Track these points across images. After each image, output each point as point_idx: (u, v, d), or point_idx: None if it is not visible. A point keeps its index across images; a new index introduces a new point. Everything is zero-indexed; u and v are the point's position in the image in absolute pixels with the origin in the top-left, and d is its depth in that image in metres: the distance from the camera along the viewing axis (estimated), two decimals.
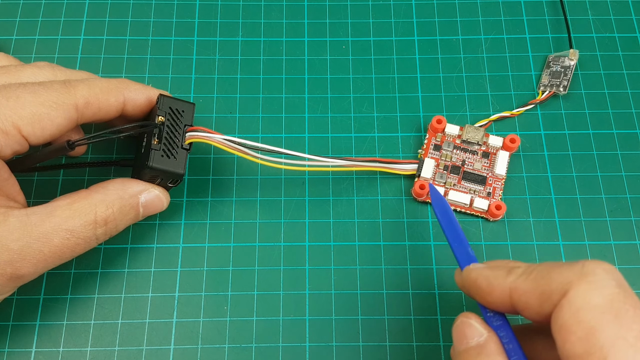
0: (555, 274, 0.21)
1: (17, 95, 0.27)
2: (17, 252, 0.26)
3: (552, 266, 0.22)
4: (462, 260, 0.27)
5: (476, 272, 0.25)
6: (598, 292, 0.20)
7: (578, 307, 0.20)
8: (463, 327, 0.24)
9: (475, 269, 0.25)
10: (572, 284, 0.21)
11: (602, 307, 0.20)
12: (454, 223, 0.29)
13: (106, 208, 0.28)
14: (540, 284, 0.22)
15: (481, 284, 0.24)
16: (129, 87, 0.30)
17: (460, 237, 0.28)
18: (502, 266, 0.24)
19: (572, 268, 0.21)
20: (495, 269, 0.24)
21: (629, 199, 0.35)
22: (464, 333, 0.24)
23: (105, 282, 0.32)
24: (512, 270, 0.23)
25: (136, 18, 0.39)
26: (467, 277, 0.25)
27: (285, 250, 0.33)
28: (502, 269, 0.24)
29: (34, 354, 0.31)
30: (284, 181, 0.35)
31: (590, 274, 0.21)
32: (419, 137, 0.36)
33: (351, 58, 0.38)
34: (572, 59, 0.38)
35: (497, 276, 0.24)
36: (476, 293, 0.25)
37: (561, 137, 0.36)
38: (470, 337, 0.23)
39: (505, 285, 0.23)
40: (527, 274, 0.23)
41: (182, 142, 0.30)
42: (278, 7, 0.40)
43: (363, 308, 0.32)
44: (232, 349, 0.31)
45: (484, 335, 0.23)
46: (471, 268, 0.25)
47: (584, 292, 0.20)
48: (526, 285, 0.22)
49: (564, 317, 0.20)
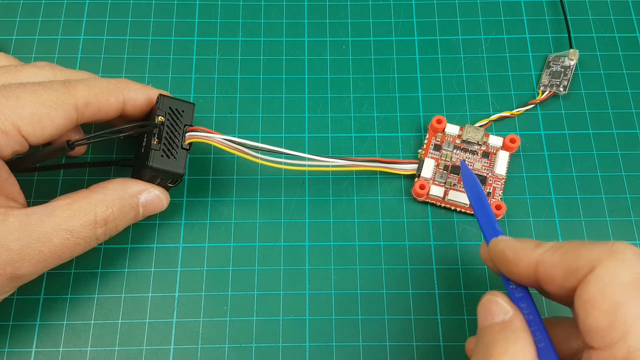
0: (585, 251, 0.22)
1: (17, 95, 0.27)
2: (17, 252, 0.26)
3: (582, 243, 0.23)
4: (489, 233, 0.27)
5: (504, 243, 0.25)
6: (626, 270, 0.21)
7: (605, 282, 0.21)
8: (489, 304, 0.24)
9: (504, 239, 0.26)
10: (600, 260, 0.21)
11: (629, 284, 0.20)
12: (483, 198, 0.29)
13: (106, 208, 0.28)
14: (568, 258, 0.22)
15: (508, 254, 0.25)
16: (128, 87, 0.30)
17: (488, 212, 0.28)
18: (530, 241, 0.25)
19: (601, 246, 0.22)
20: (524, 242, 0.25)
21: (629, 199, 0.35)
22: (490, 310, 0.24)
23: (105, 282, 0.32)
24: (541, 244, 0.24)
25: (136, 18, 0.39)
26: (495, 247, 0.26)
27: (285, 250, 0.33)
28: (530, 242, 0.24)
29: (34, 354, 0.31)
30: (284, 181, 0.35)
31: (619, 253, 0.21)
32: (419, 137, 0.36)
33: (351, 58, 0.38)
34: (572, 59, 0.38)
35: (525, 248, 0.24)
36: (502, 263, 0.25)
37: (561, 137, 0.36)
38: (496, 314, 0.24)
39: (533, 257, 0.24)
40: (555, 248, 0.23)
41: (182, 142, 0.30)
42: (278, 7, 0.40)
43: (363, 308, 0.32)
44: (232, 349, 0.31)
45: (510, 313, 0.24)
46: (499, 239, 0.26)
47: (612, 268, 0.21)
48: (553, 258, 0.23)
49: (590, 292, 0.21)
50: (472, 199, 0.30)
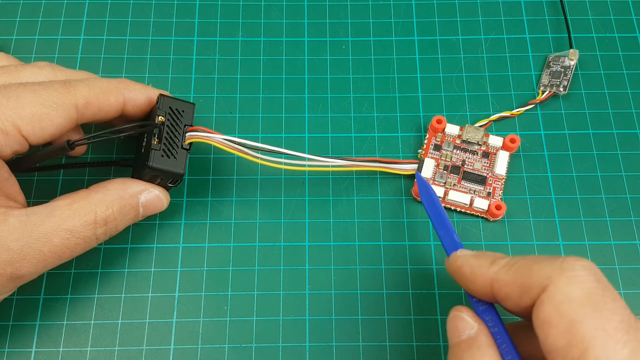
0: (536, 268, 0.22)
1: (17, 95, 0.27)
2: (17, 252, 0.26)
3: (533, 260, 0.23)
4: (449, 247, 0.28)
5: (461, 260, 0.25)
6: (577, 286, 0.21)
7: (558, 301, 0.21)
8: (455, 320, 0.24)
9: (461, 256, 0.26)
10: (551, 278, 0.21)
11: (582, 300, 0.21)
12: (439, 210, 0.29)
13: (106, 208, 0.28)
14: (520, 276, 0.22)
15: (465, 271, 0.25)
16: (129, 87, 0.30)
17: (446, 224, 0.29)
18: (487, 256, 0.25)
19: (552, 263, 0.22)
20: (480, 258, 0.25)
21: (629, 199, 0.35)
22: (456, 326, 0.24)
23: (105, 282, 0.32)
24: (496, 261, 0.24)
25: (136, 18, 0.39)
26: (453, 264, 0.26)
27: (285, 250, 0.33)
28: (486, 259, 0.24)
29: (34, 354, 0.31)
30: (284, 181, 0.35)
31: (569, 269, 0.21)
32: (419, 137, 0.36)
33: (351, 58, 0.38)
34: (572, 59, 0.38)
35: (481, 265, 0.24)
36: (460, 280, 0.25)
37: (561, 137, 0.36)
38: (462, 330, 0.24)
39: (488, 275, 0.24)
40: (509, 266, 0.23)
41: (182, 142, 0.30)
42: (278, 7, 0.40)
43: (363, 308, 0.32)
44: (232, 349, 0.31)
45: (475, 328, 0.24)
46: (458, 255, 0.26)
47: (563, 286, 0.21)
48: (507, 276, 0.23)
49: (545, 312, 0.21)
50: (429, 211, 0.30)
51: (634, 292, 0.33)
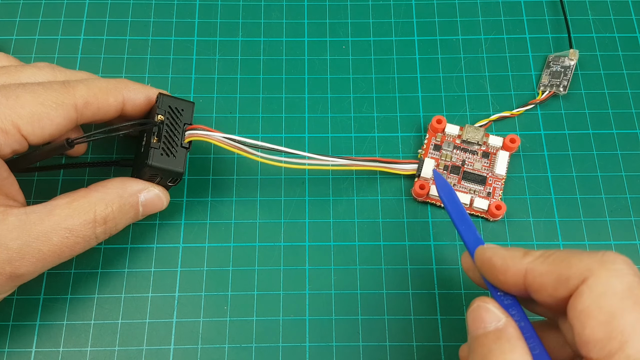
0: (575, 260, 0.22)
1: (17, 95, 0.27)
2: (16, 251, 0.26)
3: (572, 252, 0.22)
4: (471, 243, 0.27)
5: (492, 251, 0.25)
6: (619, 279, 0.21)
7: (599, 293, 0.21)
8: (480, 311, 0.24)
9: (490, 248, 0.25)
10: (592, 270, 0.21)
11: (623, 293, 0.20)
12: (460, 207, 0.29)
13: (105, 207, 0.28)
14: (558, 267, 0.22)
15: (496, 262, 0.24)
16: (128, 87, 0.30)
17: (467, 220, 0.28)
18: (518, 249, 0.24)
19: (592, 256, 0.22)
20: (512, 250, 0.24)
21: (629, 199, 0.35)
22: (482, 317, 0.24)
23: (105, 282, 0.32)
24: (529, 252, 0.24)
25: (136, 18, 0.39)
26: (482, 256, 0.25)
27: (285, 250, 0.33)
28: (518, 250, 0.24)
29: (34, 354, 0.31)
30: (284, 181, 0.35)
31: (610, 262, 0.21)
32: (419, 137, 0.36)
33: (351, 58, 0.38)
34: (572, 59, 0.38)
35: (514, 256, 0.24)
36: (490, 272, 0.25)
37: (561, 137, 0.36)
38: (488, 321, 0.23)
39: (521, 265, 0.23)
40: (544, 257, 0.23)
41: (181, 141, 0.30)
42: (278, 7, 0.40)
43: (363, 308, 0.32)
44: (232, 349, 0.31)
45: (502, 320, 0.23)
46: (485, 247, 0.26)
47: (605, 278, 0.21)
48: (543, 267, 0.23)
49: (584, 303, 0.21)
50: (450, 208, 0.29)
51: None
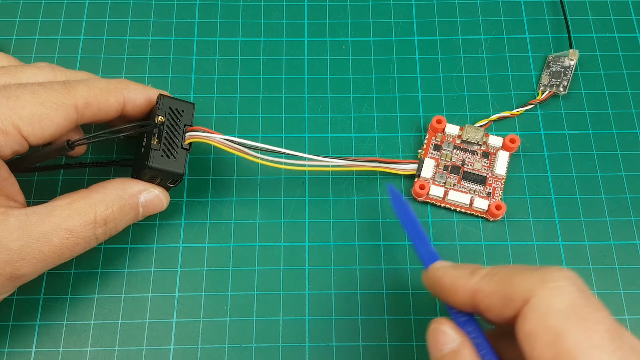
0: (518, 279, 0.22)
1: (17, 96, 0.27)
2: (17, 251, 0.26)
3: (515, 270, 0.22)
4: (426, 259, 0.27)
5: (442, 271, 0.25)
6: (560, 297, 0.21)
7: (542, 313, 0.21)
8: (436, 334, 0.24)
9: (441, 267, 0.25)
10: (534, 290, 0.21)
11: (566, 311, 0.20)
12: (414, 221, 0.29)
13: (106, 208, 0.28)
14: (503, 287, 0.22)
15: (445, 283, 0.24)
16: (128, 88, 0.30)
17: (421, 235, 0.28)
18: (466, 267, 0.24)
19: (533, 274, 0.22)
20: (460, 269, 0.24)
21: (629, 199, 0.35)
22: (437, 340, 0.24)
23: (105, 282, 0.32)
24: (476, 271, 0.24)
25: (136, 18, 0.39)
26: (433, 276, 0.25)
27: (285, 250, 0.33)
28: (466, 269, 0.24)
29: (34, 354, 0.31)
30: (284, 181, 0.35)
31: (552, 281, 0.21)
32: (419, 137, 0.36)
33: (351, 58, 0.38)
34: (572, 59, 0.38)
35: (462, 276, 0.24)
36: (441, 292, 0.25)
37: (561, 137, 0.36)
38: (443, 343, 0.24)
39: (469, 285, 0.23)
40: (490, 276, 0.23)
41: (182, 142, 0.30)
42: (278, 7, 0.40)
43: (363, 308, 0.32)
44: (232, 349, 0.31)
45: (457, 341, 0.23)
46: (437, 266, 0.26)
47: (547, 298, 0.21)
48: (489, 287, 0.23)
49: (530, 324, 0.21)
50: (404, 223, 0.29)
51: (634, 292, 0.33)
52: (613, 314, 0.32)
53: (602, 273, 0.33)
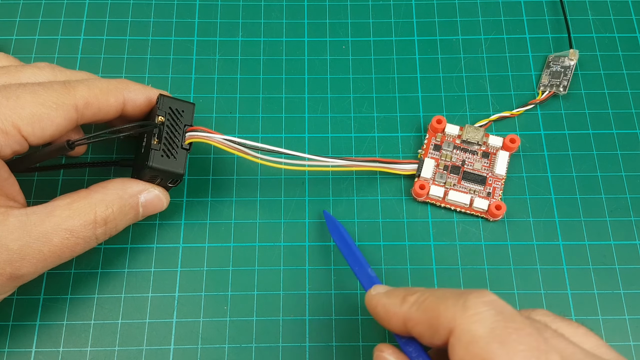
0: (442, 308, 0.22)
1: (17, 96, 0.27)
2: (17, 251, 0.26)
3: (441, 298, 0.23)
4: (365, 283, 0.28)
5: (375, 299, 0.25)
6: (480, 324, 0.21)
7: (466, 342, 0.21)
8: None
9: (375, 295, 0.26)
10: (456, 320, 0.21)
11: (487, 337, 0.21)
12: (351, 246, 0.30)
13: (106, 208, 0.28)
14: (429, 316, 0.23)
15: (379, 312, 0.25)
16: (128, 88, 0.30)
17: (359, 259, 0.29)
18: (398, 294, 0.25)
19: (455, 303, 0.22)
20: (391, 297, 0.25)
21: (629, 199, 0.35)
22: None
23: (105, 282, 0.32)
24: (406, 298, 0.24)
25: (136, 18, 0.39)
26: (369, 304, 0.26)
27: (285, 250, 0.33)
28: (397, 297, 0.24)
29: (34, 354, 0.31)
30: (284, 181, 0.35)
31: (471, 309, 0.21)
32: (419, 137, 0.36)
33: (351, 58, 0.38)
34: (572, 59, 0.38)
35: (393, 304, 0.24)
36: (377, 319, 0.25)
37: (561, 137, 0.36)
38: None
39: (400, 313, 0.24)
40: (418, 304, 0.23)
41: (182, 142, 0.30)
42: (278, 7, 0.40)
43: (363, 308, 0.32)
44: (232, 349, 0.31)
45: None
46: (372, 294, 0.26)
47: (467, 326, 0.21)
48: (417, 315, 0.23)
49: (457, 355, 0.21)
50: (341, 247, 0.30)
51: (634, 292, 0.33)
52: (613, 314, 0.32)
53: (602, 273, 0.33)
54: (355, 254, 0.29)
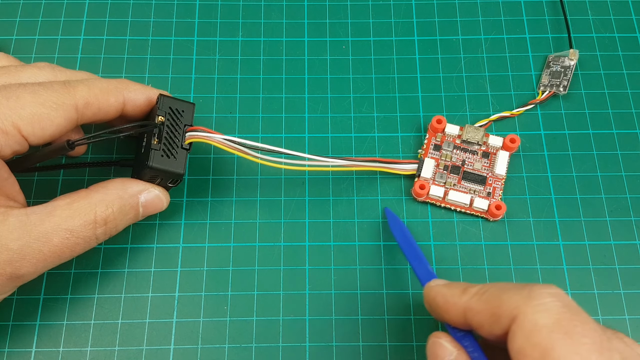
0: (505, 297, 0.22)
1: (17, 96, 0.27)
2: (17, 251, 0.26)
3: (502, 289, 0.23)
4: (423, 278, 0.28)
5: (435, 290, 0.26)
6: (545, 314, 0.21)
7: (529, 330, 0.21)
8: (434, 347, 0.25)
9: (435, 286, 0.26)
10: (519, 308, 0.22)
11: (551, 327, 0.21)
12: (411, 242, 0.30)
13: (106, 208, 0.28)
14: (491, 305, 0.23)
15: (439, 302, 0.25)
16: (128, 88, 0.30)
17: (419, 255, 0.29)
18: (458, 285, 0.25)
19: (519, 292, 0.22)
20: (452, 288, 0.25)
21: (629, 199, 0.35)
22: (436, 353, 0.24)
23: (105, 282, 0.32)
24: (467, 289, 0.24)
25: (136, 18, 0.39)
26: (427, 295, 0.26)
27: (285, 250, 0.33)
28: (457, 287, 0.25)
29: (34, 354, 0.31)
30: (284, 181, 0.35)
31: (536, 298, 0.22)
32: (419, 137, 0.36)
33: (351, 58, 0.38)
34: (572, 59, 0.38)
35: (453, 294, 0.25)
36: (435, 310, 0.26)
37: (561, 137, 0.36)
38: (441, 356, 0.24)
39: (460, 304, 0.24)
40: (479, 294, 0.24)
41: (182, 142, 0.30)
42: (278, 7, 0.40)
43: (363, 308, 0.32)
44: (232, 349, 0.31)
45: (454, 354, 0.24)
46: (431, 285, 0.26)
47: (532, 315, 0.21)
48: (479, 305, 0.23)
49: (518, 342, 0.21)
50: (401, 243, 0.30)
51: (634, 292, 0.33)
52: (613, 314, 0.32)
53: (602, 273, 0.33)
54: (415, 249, 0.30)
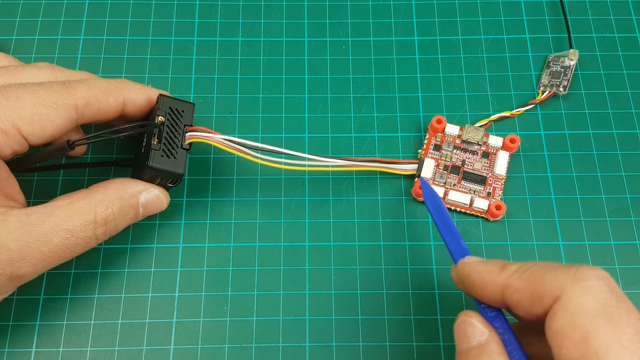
0: (549, 276, 0.22)
1: (17, 96, 0.27)
2: (17, 251, 0.26)
3: (547, 268, 0.22)
4: (456, 254, 0.27)
5: (470, 266, 0.25)
6: (591, 297, 0.20)
7: (572, 312, 0.20)
8: (464, 326, 0.24)
9: (470, 262, 0.25)
10: (564, 288, 0.21)
11: (596, 311, 0.20)
12: (446, 216, 0.29)
13: (106, 208, 0.28)
14: (533, 284, 0.22)
15: (475, 278, 0.24)
16: (128, 88, 0.30)
17: (453, 230, 0.28)
18: (496, 262, 0.24)
19: (566, 272, 0.21)
20: (490, 264, 0.24)
21: (629, 199, 0.35)
22: (466, 332, 0.24)
23: (105, 282, 0.32)
24: (506, 266, 0.24)
25: (136, 18, 0.39)
26: (462, 271, 0.25)
27: (285, 250, 0.33)
28: (495, 264, 0.24)
29: (34, 354, 0.31)
30: (284, 181, 0.35)
31: (583, 279, 0.21)
32: (419, 137, 0.36)
33: (351, 58, 0.38)
34: (572, 59, 0.38)
35: (491, 271, 0.24)
36: (470, 287, 0.25)
37: (561, 137, 0.36)
38: (471, 336, 0.23)
39: (499, 281, 0.23)
40: (520, 272, 0.23)
41: (182, 142, 0.30)
42: (278, 7, 0.40)
43: (363, 308, 0.32)
44: (232, 349, 0.31)
45: (485, 335, 0.23)
46: (466, 262, 0.26)
47: (577, 297, 0.21)
48: (519, 283, 0.23)
49: (558, 323, 0.21)
50: (435, 216, 0.29)
51: (634, 292, 0.33)
52: None
53: None
54: (449, 223, 0.28)
